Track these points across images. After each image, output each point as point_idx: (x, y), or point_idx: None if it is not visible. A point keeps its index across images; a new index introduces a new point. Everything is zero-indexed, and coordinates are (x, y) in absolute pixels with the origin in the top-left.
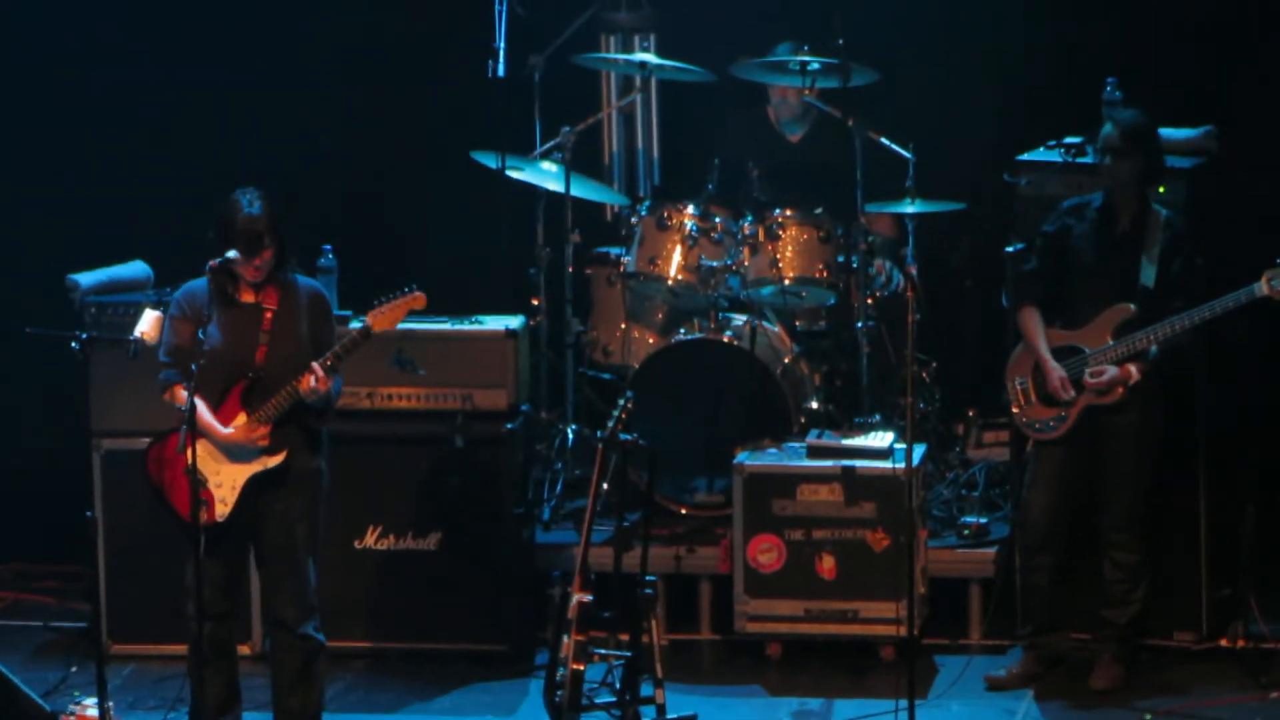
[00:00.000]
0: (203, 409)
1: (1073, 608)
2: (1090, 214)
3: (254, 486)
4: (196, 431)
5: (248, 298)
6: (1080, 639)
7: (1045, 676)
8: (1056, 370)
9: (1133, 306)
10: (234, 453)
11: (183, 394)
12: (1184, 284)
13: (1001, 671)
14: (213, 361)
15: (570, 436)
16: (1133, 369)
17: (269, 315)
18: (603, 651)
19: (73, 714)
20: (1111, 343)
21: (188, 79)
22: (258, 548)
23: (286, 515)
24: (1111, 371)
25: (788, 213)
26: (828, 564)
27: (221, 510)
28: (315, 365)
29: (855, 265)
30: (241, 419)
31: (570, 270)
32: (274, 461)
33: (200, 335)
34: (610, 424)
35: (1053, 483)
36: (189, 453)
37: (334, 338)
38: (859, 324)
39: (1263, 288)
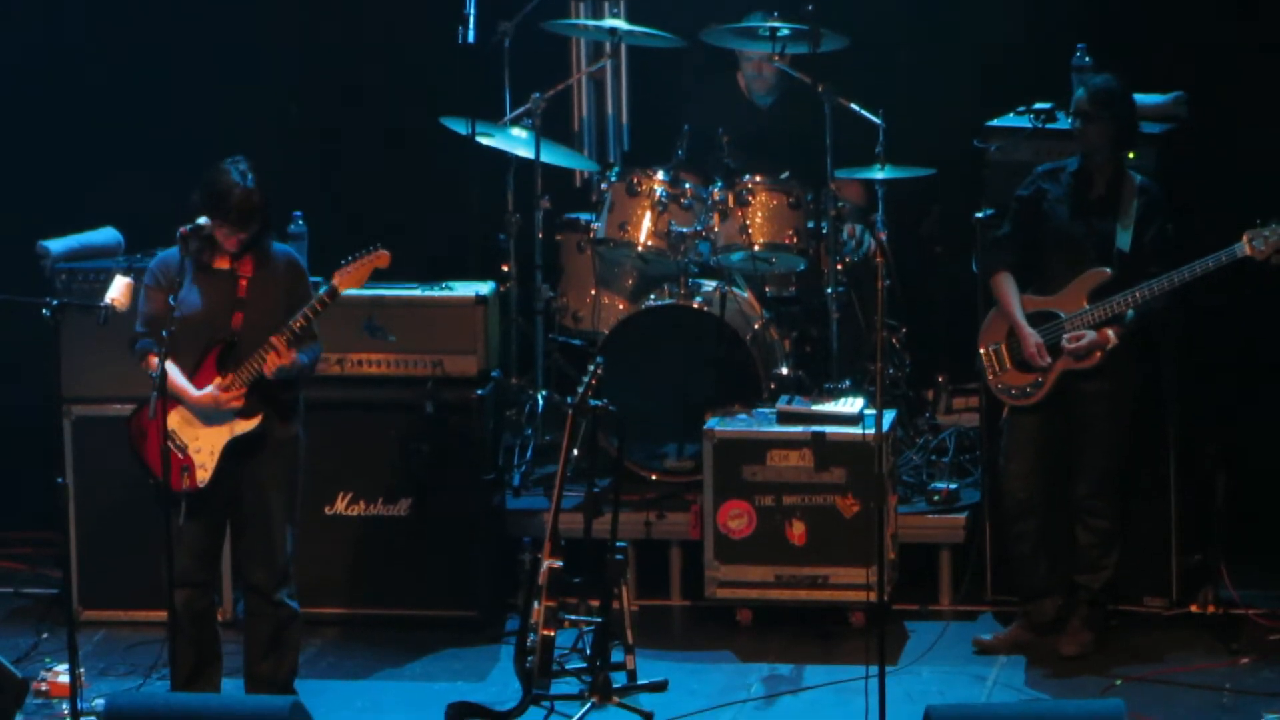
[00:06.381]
0: (176, 374)
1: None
2: (1065, 178)
3: (232, 452)
4: (168, 398)
5: (222, 264)
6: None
7: (1036, 645)
8: (1032, 336)
9: (1109, 270)
10: (209, 417)
11: (156, 361)
12: (1160, 249)
13: (988, 636)
14: (188, 327)
15: (540, 402)
16: (1110, 333)
17: (244, 282)
18: (573, 618)
19: (44, 680)
20: (1088, 307)
21: (158, 45)
22: (234, 514)
23: (263, 482)
24: (1090, 335)
25: (757, 179)
26: (798, 530)
27: (202, 476)
28: (275, 340)
29: (825, 231)
30: (216, 382)
31: (540, 236)
32: (248, 425)
33: (172, 301)
34: (580, 390)
35: (1029, 449)
36: (161, 420)
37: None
38: (829, 290)
39: (1244, 248)
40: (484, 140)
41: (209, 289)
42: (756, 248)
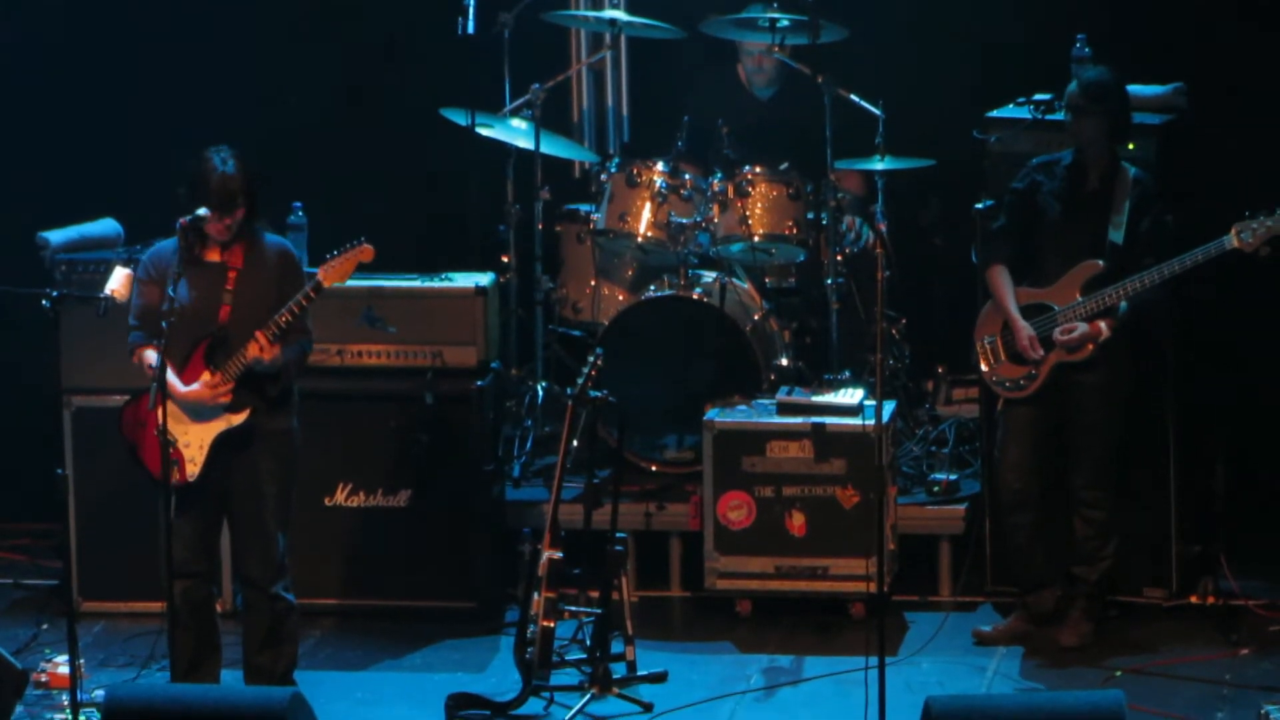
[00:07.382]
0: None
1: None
2: (1060, 171)
3: (222, 446)
4: (166, 392)
5: (213, 256)
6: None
7: (1035, 636)
8: (1025, 329)
9: (1101, 263)
10: (198, 412)
11: (149, 355)
12: (1153, 241)
13: (988, 627)
14: (178, 320)
15: (540, 393)
16: (1102, 325)
17: (233, 274)
18: (573, 609)
19: (44, 671)
20: (1080, 299)
21: (157, 35)
22: (228, 508)
23: (256, 476)
24: (1081, 328)
25: (757, 169)
26: (797, 521)
27: (191, 470)
28: (259, 334)
29: (825, 222)
30: (205, 378)
31: (540, 227)
32: (238, 420)
33: (171, 293)
34: (580, 381)
35: (1024, 441)
36: (159, 413)
37: None
38: (828, 281)
39: (1232, 240)
40: (484, 131)
41: (198, 282)
42: (756, 239)
